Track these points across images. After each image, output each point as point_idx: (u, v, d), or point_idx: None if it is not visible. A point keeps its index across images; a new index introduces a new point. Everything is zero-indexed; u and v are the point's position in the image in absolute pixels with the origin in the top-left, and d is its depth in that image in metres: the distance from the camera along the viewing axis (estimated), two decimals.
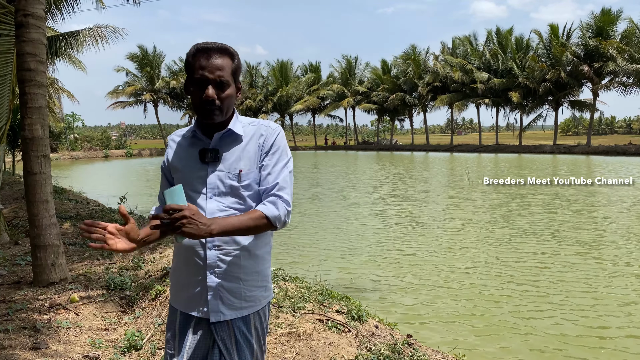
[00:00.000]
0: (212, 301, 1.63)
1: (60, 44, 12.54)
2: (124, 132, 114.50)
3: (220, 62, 1.59)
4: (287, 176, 1.68)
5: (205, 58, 1.59)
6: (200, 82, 1.59)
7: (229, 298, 1.64)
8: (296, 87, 55.81)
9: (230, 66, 1.62)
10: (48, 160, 4.80)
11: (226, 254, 1.63)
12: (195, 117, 1.74)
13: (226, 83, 1.60)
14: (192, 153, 1.68)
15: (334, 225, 10.98)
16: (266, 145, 1.68)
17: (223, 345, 1.64)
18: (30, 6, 4.58)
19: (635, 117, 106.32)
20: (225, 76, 1.60)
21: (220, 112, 1.62)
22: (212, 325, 1.64)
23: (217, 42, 1.63)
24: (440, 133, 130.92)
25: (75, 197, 13.00)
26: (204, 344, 1.66)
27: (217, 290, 1.63)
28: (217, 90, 1.59)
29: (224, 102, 1.61)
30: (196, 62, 1.59)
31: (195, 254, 1.63)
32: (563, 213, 11.99)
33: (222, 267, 1.63)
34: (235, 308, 1.65)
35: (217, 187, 1.64)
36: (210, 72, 1.57)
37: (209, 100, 1.58)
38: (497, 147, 44.98)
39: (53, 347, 3.40)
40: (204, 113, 1.61)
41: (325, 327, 3.65)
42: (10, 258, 5.80)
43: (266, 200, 1.63)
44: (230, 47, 1.65)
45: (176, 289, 1.71)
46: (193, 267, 1.64)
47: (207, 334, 1.65)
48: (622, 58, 35.78)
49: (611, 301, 5.95)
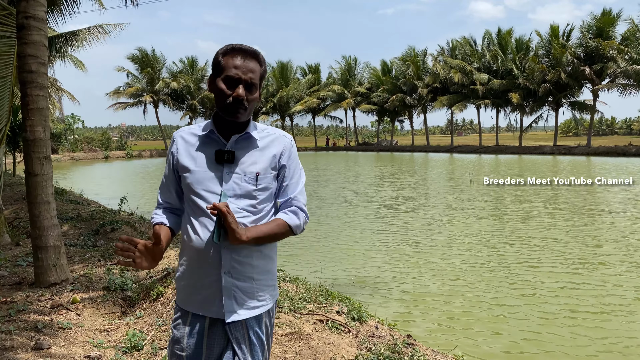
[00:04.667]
0: (226, 301, 1.64)
1: (60, 44, 12.55)
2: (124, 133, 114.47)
3: (253, 65, 1.65)
4: (303, 188, 1.80)
5: (240, 58, 1.63)
6: (232, 80, 1.62)
7: (242, 298, 1.66)
8: (296, 88, 55.85)
9: (259, 71, 1.67)
10: (49, 161, 4.81)
11: (240, 254, 1.65)
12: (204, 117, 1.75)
13: (255, 86, 1.66)
14: (207, 153, 1.68)
15: (334, 225, 11.00)
16: (284, 156, 1.75)
17: (237, 345, 1.65)
18: (32, 8, 4.61)
19: (635, 118, 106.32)
20: (255, 79, 1.65)
21: (245, 112, 1.65)
22: (227, 325, 1.65)
23: (249, 46, 1.67)
24: (440, 134, 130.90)
25: (76, 198, 13.02)
26: (218, 345, 1.66)
27: (232, 290, 1.64)
28: (246, 92, 1.63)
29: (250, 103, 1.65)
30: (229, 60, 1.63)
31: (209, 256, 1.63)
32: (564, 213, 12.00)
33: (236, 268, 1.64)
34: (249, 308, 1.68)
35: (233, 189, 1.65)
36: (244, 73, 1.62)
37: (239, 99, 1.61)
38: (498, 148, 45.00)
39: (55, 348, 3.41)
40: (231, 110, 1.63)
41: (325, 327, 3.67)
42: (12, 259, 5.82)
43: (287, 209, 1.74)
44: (260, 53, 1.69)
45: (188, 291, 1.70)
46: (207, 268, 1.64)
47: (222, 334, 1.66)
48: (622, 59, 35.80)
49: (616, 306, 5.96)
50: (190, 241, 1.65)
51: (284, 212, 1.73)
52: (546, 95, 41.72)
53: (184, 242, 1.70)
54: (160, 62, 51.44)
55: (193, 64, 54.25)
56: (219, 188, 1.64)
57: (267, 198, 1.72)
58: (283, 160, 1.75)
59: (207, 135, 1.70)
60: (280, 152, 1.74)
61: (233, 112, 1.63)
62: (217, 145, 1.68)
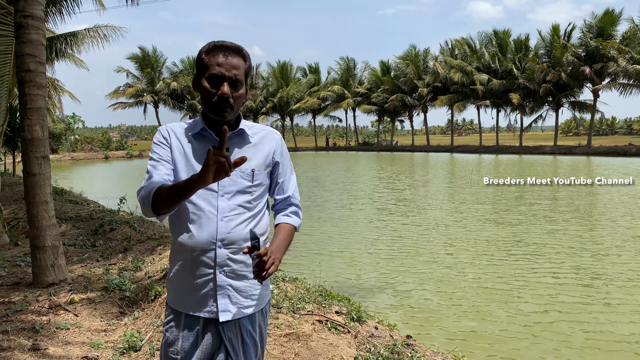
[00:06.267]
0: (221, 300, 1.63)
1: (60, 44, 12.54)
2: (124, 133, 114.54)
3: (236, 61, 1.62)
4: (296, 183, 1.85)
5: (222, 56, 1.61)
6: (216, 78, 1.59)
7: (236, 297, 1.65)
8: (296, 88, 55.84)
9: (244, 67, 1.65)
10: (47, 161, 4.79)
11: (235, 252, 1.63)
12: (199, 114, 1.73)
13: (240, 82, 1.62)
14: (200, 150, 1.65)
15: (334, 226, 10.98)
16: (277, 153, 1.76)
17: (230, 345, 1.64)
18: (30, 7, 4.59)
19: (635, 118, 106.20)
20: (240, 76, 1.62)
21: (232, 110, 1.62)
22: (220, 325, 1.63)
23: (232, 42, 1.65)
24: (440, 134, 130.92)
25: (76, 198, 13.01)
26: (212, 345, 1.65)
27: (226, 289, 1.63)
28: (231, 89, 1.60)
29: (236, 100, 1.62)
30: (212, 58, 1.61)
31: (204, 254, 1.61)
32: (565, 213, 11.98)
33: (230, 266, 1.63)
34: (243, 307, 1.66)
35: (229, 185, 1.64)
36: (227, 70, 1.59)
37: (224, 98, 1.58)
38: (498, 148, 44.95)
39: (52, 348, 3.39)
40: (217, 109, 1.61)
41: (324, 328, 3.65)
42: (10, 259, 5.80)
43: (288, 211, 1.80)
44: (244, 49, 1.66)
45: (181, 291, 1.67)
46: (202, 267, 1.62)
47: (215, 334, 1.65)
48: (622, 59, 35.76)
49: (621, 307, 5.94)
50: (185, 241, 1.62)
51: (287, 214, 1.78)
52: (546, 95, 41.67)
53: (175, 242, 1.67)
54: (160, 62, 51.46)
55: (193, 64, 54.20)
56: (215, 185, 1.62)
57: (261, 194, 1.72)
58: (277, 157, 1.76)
59: (199, 133, 1.68)
60: (274, 149, 1.75)
61: (220, 111, 1.60)
62: (210, 142, 1.66)
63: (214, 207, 1.62)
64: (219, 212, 1.62)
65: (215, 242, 1.61)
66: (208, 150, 1.34)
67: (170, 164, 1.65)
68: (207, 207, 1.62)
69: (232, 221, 1.63)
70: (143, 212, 1.61)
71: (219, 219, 1.61)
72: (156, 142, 1.68)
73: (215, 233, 1.61)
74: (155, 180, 1.58)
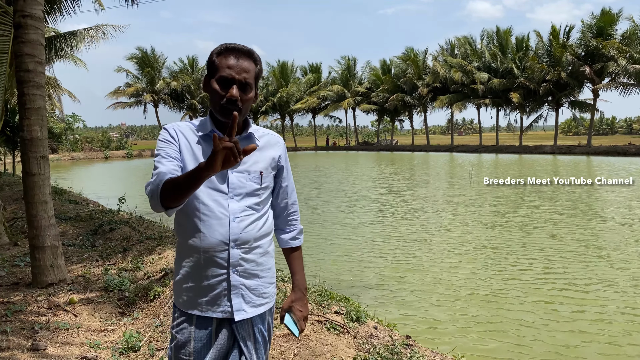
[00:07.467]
0: (235, 300, 1.64)
1: (60, 44, 12.53)
2: (124, 132, 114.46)
3: (247, 64, 1.62)
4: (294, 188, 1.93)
5: (233, 58, 1.61)
6: (226, 80, 1.59)
7: (249, 296, 1.67)
8: (296, 87, 55.82)
9: (254, 70, 1.64)
10: (47, 161, 4.79)
11: (247, 252, 1.65)
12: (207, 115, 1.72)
13: (250, 86, 1.62)
14: (209, 151, 1.64)
15: (333, 225, 10.98)
16: (282, 158, 1.80)
17: (244, 344, 1.65)
18: (29, 7, 4.58)
19: (635, 117, 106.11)
20: (250, 79, 1.62)
21: (240, 113, 1.61)
22: (234, 324, 1.65)
23: (243, 45, 1.65)
24: (440, 133, 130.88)
25: (75, 198, 13.00)
26: (226, 345, 1.66)
27: (239, 288, 1.65)
28: (240, 92, 1.60)
29: (244, 104, 1.62)
30: (223, 60, 1.60)
31: (217, 255, 1.62)
32: (565, 213, 11.97)
33: (243, 265, 1.65)
34: (255, 305, 1.69)
35: (238, 188, 1.65)
36: (237, 73, 1.59)
37: (232, 100, 1.58)
38: (498, 148, 44.93)
39: (51, 349, 3.39)
40: (225, 112, 1.60)
41: (323, 328, 3.64)
42: (9, 259, 5.80)
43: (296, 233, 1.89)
44: (255, 52, 1.66)
45: (191, 293, 1.66)
46: (214, 267, 1.63)
47: (229, 334, 1.66)
48: (622, 58, 35.74)
49: (621, 309, 5.94)
50: (196, 242, 1.62)
51: (295, 237, 1.89)
52: (546, 94, 41.67)
53: (184, 244, 1.66)
54: (160, 62, 51.46)
55: (193, 64, 54.29)
56: (225, 187, 1.64)
57: (268, 197, 1.76)
58: (282, 162, 1.80)
59: (208, 135, 1.67)
60: (279, 154, 1.79)
61: (228, 113, 1.60)
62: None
63: (225, 208, 1.63)
64: (230, 213, 1.63)
65: (228, 242, 1.62)
66: (213, 136, 1.30)
67: (179, 162, 1.62)
68: (218, 208, 1.62)
69: (243, 221, 1.65)
70: (152, 206, 1.56)
71: (231, 220, 1.62)
72: (163, 139, 1.66)
73: (228, 234, 1.62)
74: (163, 172, 1.54)
